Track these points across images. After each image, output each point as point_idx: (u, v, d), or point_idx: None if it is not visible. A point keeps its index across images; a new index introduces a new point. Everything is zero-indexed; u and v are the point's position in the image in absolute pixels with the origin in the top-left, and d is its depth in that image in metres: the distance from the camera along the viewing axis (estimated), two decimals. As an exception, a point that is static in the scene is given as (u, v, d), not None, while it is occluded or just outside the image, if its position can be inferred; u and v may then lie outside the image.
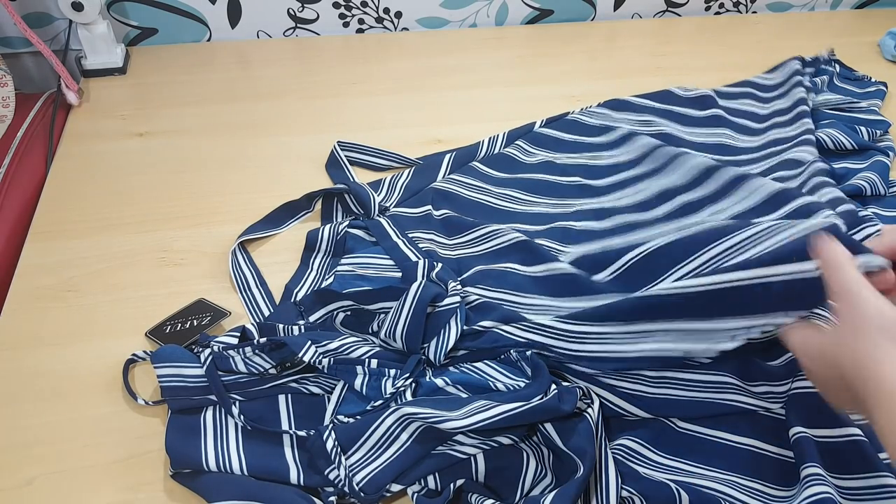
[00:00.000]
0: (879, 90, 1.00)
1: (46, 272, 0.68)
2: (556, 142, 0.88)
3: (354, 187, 0.75)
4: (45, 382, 0.58)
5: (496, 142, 0.88)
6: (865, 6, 1.32)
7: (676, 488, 0.50)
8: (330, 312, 0.63)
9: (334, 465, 0.51)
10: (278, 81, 1.00)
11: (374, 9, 1.13)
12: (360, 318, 0.62)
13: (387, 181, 0.81)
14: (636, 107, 0.94)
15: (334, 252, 0.71)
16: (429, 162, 0.84)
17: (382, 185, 0.80)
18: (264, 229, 0.74)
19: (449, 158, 0.84)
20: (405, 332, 0.58)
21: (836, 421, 0.52)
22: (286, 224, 0.75)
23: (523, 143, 0.88)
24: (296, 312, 0.64)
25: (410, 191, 0.79)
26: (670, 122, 0.91)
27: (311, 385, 0.58)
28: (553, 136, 0.89)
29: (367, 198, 0.74)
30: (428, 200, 0.77)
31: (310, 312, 0.63)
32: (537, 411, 0.51)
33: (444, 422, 0.50)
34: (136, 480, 0.52)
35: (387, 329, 0.59)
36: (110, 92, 0.96)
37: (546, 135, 0.89)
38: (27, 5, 0.99)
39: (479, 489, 0.51)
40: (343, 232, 0.71)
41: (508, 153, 0.86)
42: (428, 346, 0.58)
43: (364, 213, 0.75)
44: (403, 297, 0.59)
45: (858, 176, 0.80)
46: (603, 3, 1.22)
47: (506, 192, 0.80)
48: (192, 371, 0.56)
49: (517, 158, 0.85)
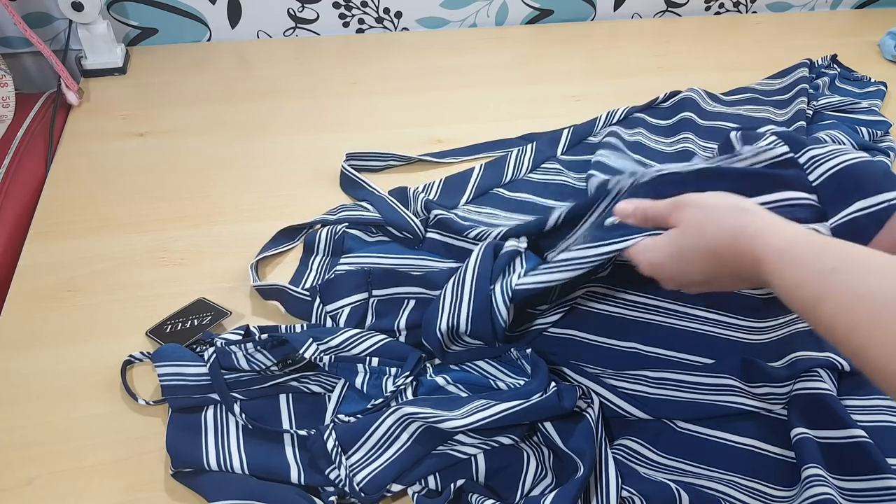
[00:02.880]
0: (879, 90, 1.00)
1: (46, 272, 0.68)
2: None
3: (391, 217, 0.72)
4: (45, 382, 0.58)
5: (524, 156, 0.86)
6: (865, 6, 1.32)
7: (676, 488, 0.50)
8: (397, 294, 0.63)
9: (335, 465, 0.51)
10: (278, 81, 1.00)
11: (374, 9, 1.13)
12: (391, 303, 0.62)
13: (413, 195, 0.78)
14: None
15: (332, 252, 0.71)
16: (457, 178, 0.82)
17: (410, 199, 0.78)
18: (280, 244, 0.72)
19: (477, 173, 0.82)
20: (470, 318, 0.55)
21: (839, 422, 0.52)
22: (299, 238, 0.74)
23: (551, 164, 0.86)
24: (361, 281, 0.64)
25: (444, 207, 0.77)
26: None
27: (311, 384, 0.57)
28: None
29: (407, 225, 0.72)
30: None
31: (377, 286, 0.63)
32: (537, 409, 0.51)
33: (445, 421, 0.50)
34: (137, 480, 0.52)
35: (448, 319, 0.56)
36: (110, 92, 0.96)
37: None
38: (27, 5, 0.98)
39: (479, 489, 0.51)
40: (341, 232, 0.71)
41: (530, 178, 0.84)
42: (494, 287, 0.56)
43: (406, 234, 0.72)
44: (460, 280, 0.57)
45: (824, 131, 0.84)
46: (603, 3, 1.22)
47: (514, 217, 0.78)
48: (193, 370, 0.56)
49: (534, 180, 0.84)
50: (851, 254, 0.38)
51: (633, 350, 0.61)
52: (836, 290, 0.37)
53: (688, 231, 0.47)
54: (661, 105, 0.96)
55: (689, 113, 0.92)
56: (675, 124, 0.92)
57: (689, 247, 0.46)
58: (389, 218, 0.72)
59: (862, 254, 0.38)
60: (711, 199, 0.47)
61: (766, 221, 0.43)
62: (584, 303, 0.64)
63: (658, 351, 0.60)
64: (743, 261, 0.43)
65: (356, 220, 0.73)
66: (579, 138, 0.89)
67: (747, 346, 0.60)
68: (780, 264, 0.40)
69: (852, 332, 0.35)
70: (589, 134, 0.90)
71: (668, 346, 0.60)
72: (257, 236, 0.73)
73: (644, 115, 0.94)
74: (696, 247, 0.46)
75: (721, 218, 0.45)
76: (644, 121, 0.93)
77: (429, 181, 0.81)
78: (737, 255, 0.43)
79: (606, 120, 0.92)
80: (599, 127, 0.91)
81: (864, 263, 0.37)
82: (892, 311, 0.34)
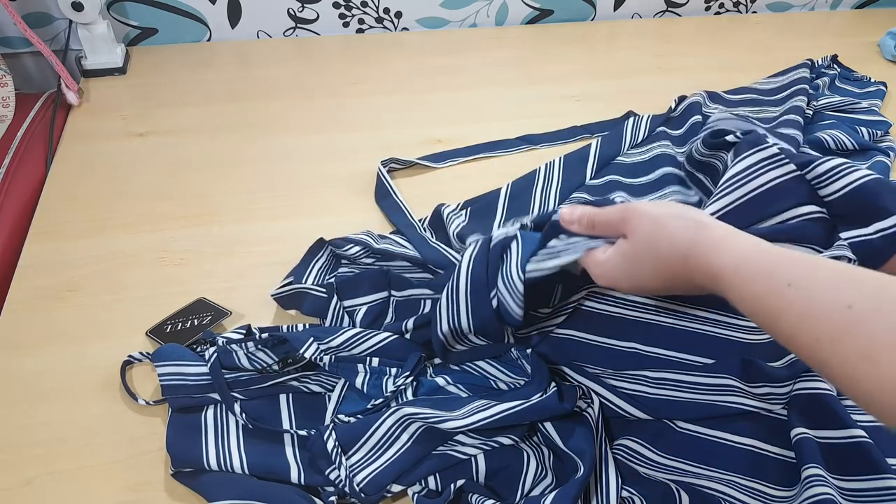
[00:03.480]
0: (879, 90, 1.01)
1: (46, 272, 0.68)
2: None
3: (429, 254, 0.67)
4: (45, 382, 0.58)
5: (552, 172, 0.83)
6: (865, 6, 1.32)
7: (676, 488, 0.50)
8: (412, 296, 0.63)
9: (335, 466, 0.51)
10: (278, 81, 1.00)
11: (374, 9, 1.13)
12: (409, 304, 0.62)
13: (447, 218, 0.74)
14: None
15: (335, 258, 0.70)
16: (484, 206, 0.78)
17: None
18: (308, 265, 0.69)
19: (504, 202, 0.79)
20: (471, 320, 0.54)
21: (839, 422, 0.52)
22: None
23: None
24: (380, 280, 0.64)
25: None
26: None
27: (311, 384, 0.57)
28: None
29: (446, 262, 0.66)
30: None
31: (395, 288, 0.64)
32: (537, 409, 0.51)
33: (445, 422, 0.50)
34: (137, 480, 0.52)
35: (448, 322, 0.55)
36: (110, 92, 0.96)
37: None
38: (27, 5, 0.98)
39: (479, 489, 0.51)
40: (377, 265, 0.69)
41: None
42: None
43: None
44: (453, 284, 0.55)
45: (824, 131, 0.83)
46: (603, 3, 1.22)
47: None
48: (193, 369, 0.55)
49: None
50: (805, 266, 0.38)
51: (633, 350, 0.61)
52: (792, 306, 0.36)
53: (639, 244, 0.46)
54: (674, 114, 0.95)
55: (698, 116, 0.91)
56: (685, 133, 0.90)
57: (641, 260, 0.46)
58: (427, 256, 0.67)
59: (815, 265, 0.38)
60: (661, 208, 0.46)
61: (719, 234, 0.43)
62: (583, 302, 0.64)
63: (658, 351, 0.60)
64: (698, 274, 0.43)
65: (393, 253, 0.67)
66: (607, 159, 0.86)
67: (747, 346, 0.60)
68: (735, 279, 0.40)
69: (813, 348, 0.35)
70: (617, 154, 0.87)
71: (668, 346, 0.60)
72: (257, 236, 0.73)
73: (664, 128, 0.92)
74: (649, 261, 0.45)
75: (672, 231, 0.44)
76: (666, 134, 0.91)
77: (453, 201, 0.78)
78: (691, 269, 0.43)
79: (632, 137, 0.89)
80: (626, 147, 0.88)
81: (819, 276, 0.37)
82: (849, 325, 0.33)
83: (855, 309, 0.34)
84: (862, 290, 0.35)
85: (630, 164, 0.86)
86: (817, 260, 0.38)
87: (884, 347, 0.32)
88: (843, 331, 0.34)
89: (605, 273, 0.48)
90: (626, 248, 0.47)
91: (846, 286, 0.35)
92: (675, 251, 0.43)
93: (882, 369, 0.32)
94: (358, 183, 0.81)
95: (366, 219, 0.76)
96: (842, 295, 0.35)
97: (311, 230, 0.71)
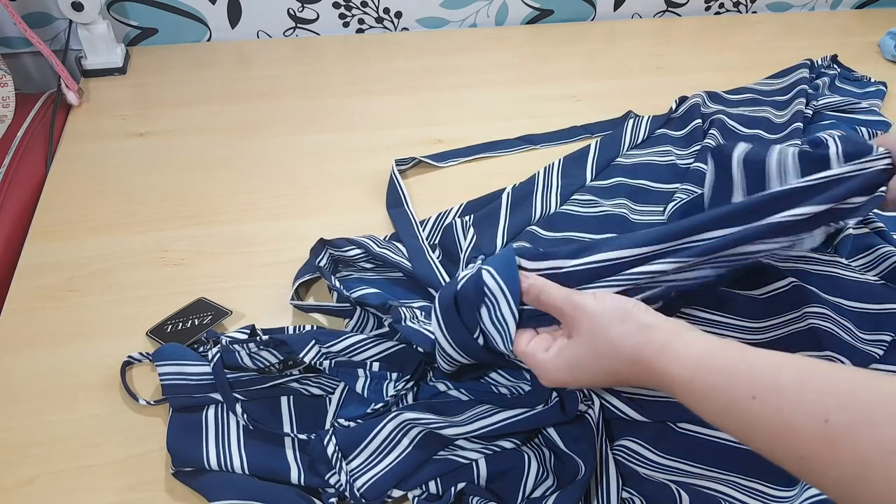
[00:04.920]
0: (879, 90, 1.01)
1: (46, 272, 0.68)
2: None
3: (420, 271, 0.66)
4: (45, 382, 0.58)
5: (551, 174, 0.83)
6: (865, 6, 1.32)
7: (677, 489, 0.50)
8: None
9: (335, 471, 0.51)
10: (278, 81, 1.00)
11: (374, 9, 1.13)
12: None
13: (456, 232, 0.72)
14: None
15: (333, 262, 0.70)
16: (485, 218, 0.76)
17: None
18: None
19: (506, 209, 0.77)
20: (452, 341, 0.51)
21: None
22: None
23: (581, 196, 0.81)
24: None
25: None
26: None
27: (312, 386, 0.57)
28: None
29: (435, 281, 0.65)
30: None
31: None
32: (539, 418, 0.51)
33: (446, 428, 0.50)
34: (137, 480, 0.52)
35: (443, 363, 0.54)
36: (110, 92, 0.96)
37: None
38: (27, 5, 0.98)
39: (480, 492, 0.51)
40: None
41: (565, 210, 0.79)
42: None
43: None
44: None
45: (824, 131, 0.79)
46: (603, 3, 1.22)
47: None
48: (194, 369, 0.55)
49: (574, 213, 0.79)
50: (766, 371, 0.36)
51: None
52: (762, 420, 0.35)
53: (581, 345, 0.44)
54: (675, 115, 0.94)
55: (699, 120, 0.91)
56: (688, 135, 0.90)
57: (585, 363, 0.44)
58: (419, 272, 0.66)
59: (776, 368, 0.36)
60: (605, 307, 0.43)
61: (664, 339, 0.40)
62: None
63: None
64: (647, 378, 0.41)
65: (389, 261, 0.67)
66: (606, 160, 0.85)
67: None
68: (693, 392, 0.38)
69: (800, 466, 0.34)
70: (616, 155, 0.87)
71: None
72: (257, 236, 0.73)
73: (665, 129, 0.92)
74: (593, 363, 0.43)
75: (615, 337, 0.42)
76: (668, 136, 0.91)
77: (453, 201, 0.77)
78: (638, 374, 0.41)
79: (632, 138, 0.89)
80: (626, 148, 0.88)
81: (783, 382, 0.35)
82: (832, 443, 0.32)
83: (832, 423, 0.32)
84: (832, 395, 0.33)
85: (634, 165, 0.85)
86: (776, 360, 0.36)
87: (876, 467, 0.30)
88: (827, 449, 0.32)
89: (549, 374, 0.46)
90: (571, 351, 0.44)
91: (814, 395, 0.33)
92: (619, 357, 0.42)
93: (876, 490, 0.30)
94: (358, 183, 0.81)
95: (366, 219, 0.76)
96: (813, 407, 0.33)
97: (311, 230, 0.71)
